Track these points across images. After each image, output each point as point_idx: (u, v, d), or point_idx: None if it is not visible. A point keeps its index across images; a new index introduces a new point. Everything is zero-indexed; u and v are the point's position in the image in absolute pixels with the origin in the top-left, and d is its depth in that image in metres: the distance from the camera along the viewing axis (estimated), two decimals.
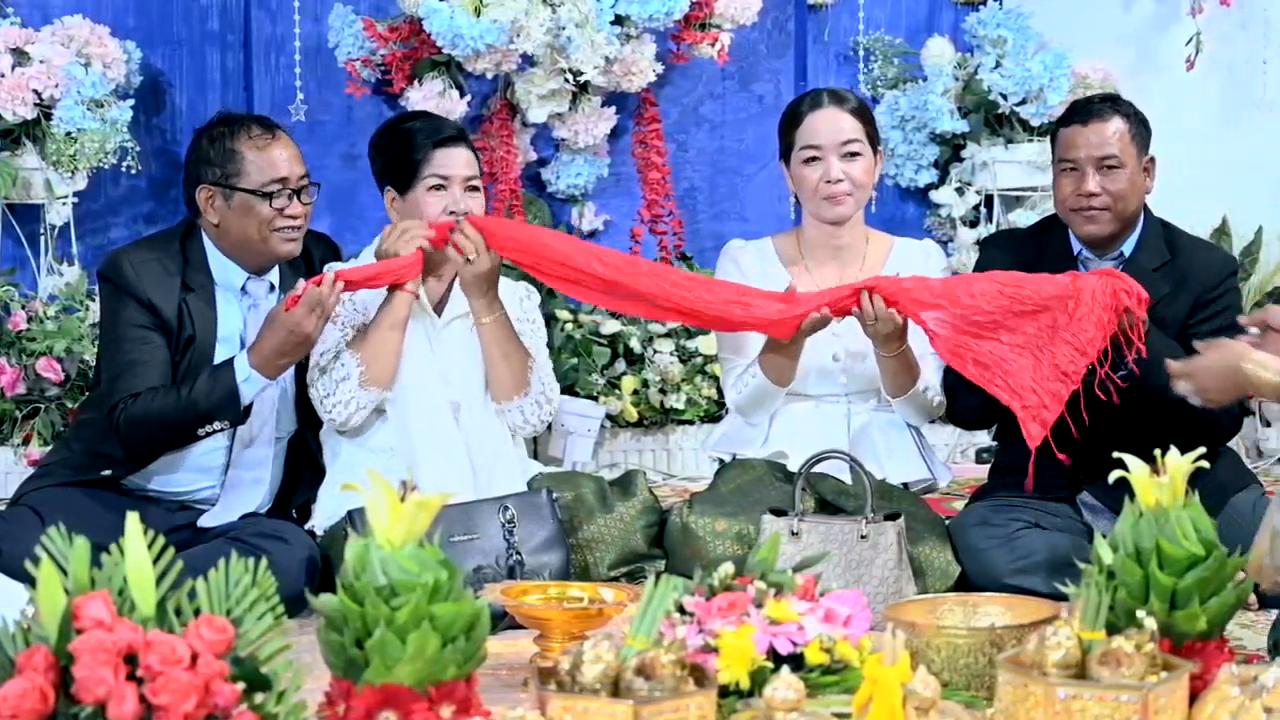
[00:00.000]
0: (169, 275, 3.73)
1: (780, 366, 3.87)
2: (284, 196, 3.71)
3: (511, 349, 3.85)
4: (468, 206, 3.82)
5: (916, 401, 3.90)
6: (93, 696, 1.89)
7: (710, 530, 3.70)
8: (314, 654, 2.18)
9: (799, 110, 4.00)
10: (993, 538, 3.74)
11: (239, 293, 3.80)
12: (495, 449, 3.85)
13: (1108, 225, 3.83)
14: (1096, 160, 3.80)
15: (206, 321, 3.74)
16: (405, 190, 3.85)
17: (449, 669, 2.08)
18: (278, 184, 3.70)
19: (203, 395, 3.63)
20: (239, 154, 3.70)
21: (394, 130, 3.95)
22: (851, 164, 3.93)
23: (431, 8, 5.17)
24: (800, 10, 6.04)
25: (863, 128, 3.96)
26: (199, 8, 5.64)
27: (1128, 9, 6.35)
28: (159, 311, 3.69)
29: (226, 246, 3.76)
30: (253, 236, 3.72)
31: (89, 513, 3.59)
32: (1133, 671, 2.36)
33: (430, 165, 3.82)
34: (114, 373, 3.69)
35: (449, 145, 3.85)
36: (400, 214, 3.87)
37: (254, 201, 3.69)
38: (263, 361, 3.62)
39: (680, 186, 5.91)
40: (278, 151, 3.72)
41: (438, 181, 3.82)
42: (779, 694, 2.27)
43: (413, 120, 3.99)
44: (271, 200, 3.69)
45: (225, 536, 3.64)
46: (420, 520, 2.15)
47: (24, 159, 5.22)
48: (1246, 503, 3.79)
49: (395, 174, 3.87)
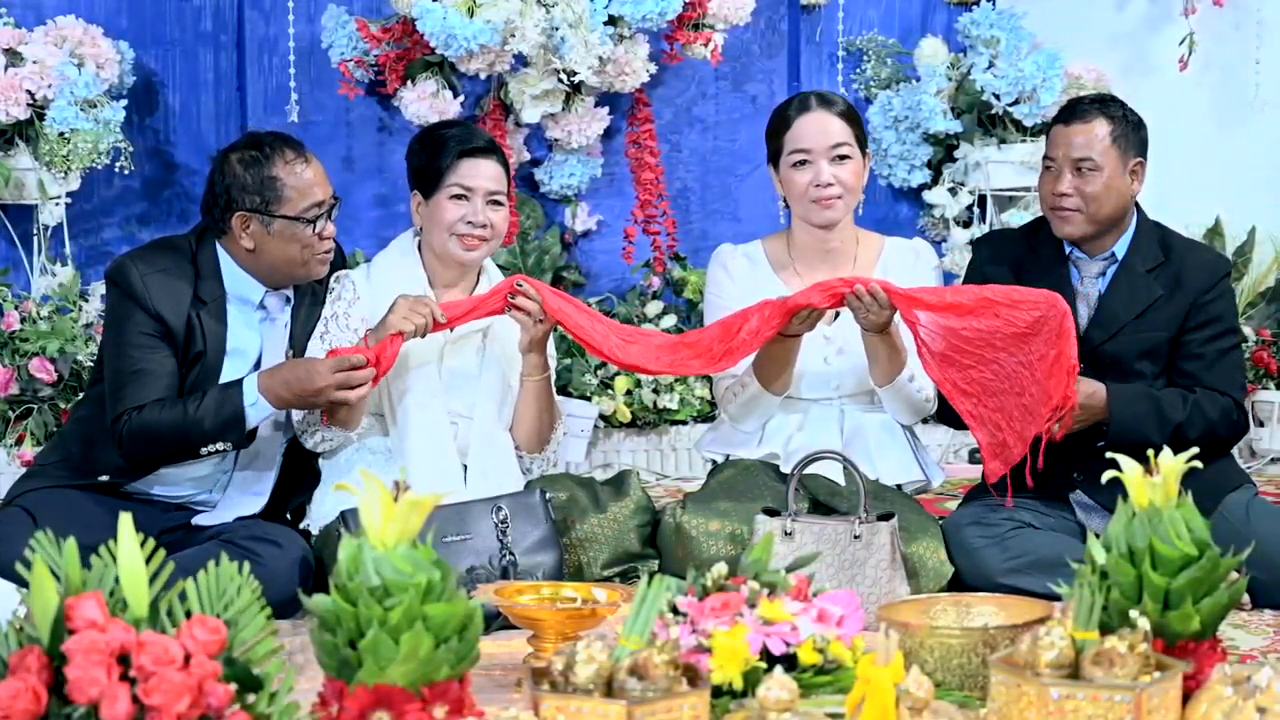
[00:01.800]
0: (179, 289, 3.70)
1: (774, 376, 3.87)
2: (324, 219, 3.71)
3: (547, 407, 3.90)
4: (489, 219, 3.81)
5: (904, 394, 3.89)
6: (86, 697, 1.89)
7: (703, 530, 3.70)
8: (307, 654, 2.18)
9: (787, 114, 4.00)
10: (986, 537, 3.74)
11: (255, 307, 3.79)
12: (497, 462, 3.84)
13: (1080, 226, 3.84)
14: (1073, 161, 3.82)
15: (217, 336, 3.72)
16: (429, 195, 3.84)
17: (442, 669, 2.08)
18: (317, 208, 3.70)
19: (209, 414, 3.62)
20: (278, 180, 3.67)
21: (428, 135, 3.94)
22: (841, 167, 3.93)
23: (425, 8, 5.16)
24: (793, 10, 6.04)
25: (851, 130, 3.96)
26: (192, 8, 5.63)
27: (1120, 9, 6.35)
28: (167, 323, 3.68)
29: (256, 267, 3.74)
30: (295, 260, 3.70)
31: (82, 513, 3.59)
32: (1126, 671, 2.36)
33: (455, 174, 3.81)
34: (119, 380, 3.67)
35: (476, 156, 3.83)
36: (422, 219, 3.86)
37: (297, 228, 3.68)
38: (269, 390, 3.62)
39: (673, 187, 5.91)
40: (313, 175, 3.72)
41: (460, 191, 3.81)
42: (772, 694, 2.27)
43: (448, 128, 3.97)
44: (315, 225, 3.69)
45: (218, 539, 3.63)
46: (413, 521, 2.15)
47: (17, 159, 5.21)
48: (1239, 503, 3.80)
49: (423, 179, 3.86)
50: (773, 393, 3.89)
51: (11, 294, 5.25)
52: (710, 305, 4.05)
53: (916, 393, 3.90)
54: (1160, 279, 3.87)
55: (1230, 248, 6.07)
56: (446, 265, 3.86)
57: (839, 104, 4.00)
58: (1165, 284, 3.87)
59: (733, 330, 3.75)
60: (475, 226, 3.79)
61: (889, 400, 3.93)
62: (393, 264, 3.91)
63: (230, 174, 3.70)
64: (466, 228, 3.79)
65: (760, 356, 3.85)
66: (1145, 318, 3.82)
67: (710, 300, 4.07)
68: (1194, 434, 3.72)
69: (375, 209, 5.67)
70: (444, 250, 3.83)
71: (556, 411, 3.94)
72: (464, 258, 3.82)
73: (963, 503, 4.04)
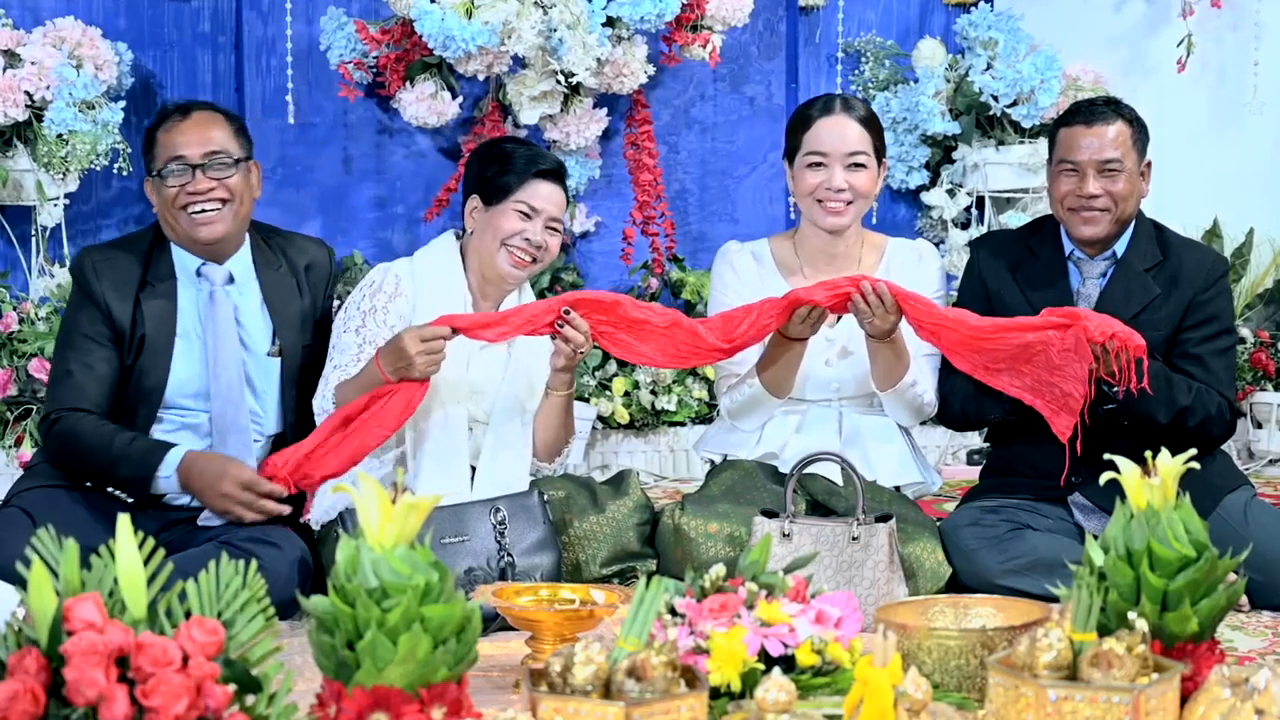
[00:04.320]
0: (129, 273, 3.76)
1: (777, 381, 3.87)
2: (181, 174, 3.73)
3: (566, 421, 3.91)
4: (545, 242, 3.83)
5: (906, 398, 3.89)
6: (84, 698, 1.89)
7: (702, 532, 3.70)
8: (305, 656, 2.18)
9: (809, 114, 3.99)
10: (984, 539, 3.74)
11: (195, 277, 3.81)
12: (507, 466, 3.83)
13: (1106, 227, 3.85)
14: (1099, 163, 3.82)
15: (163, 319, 3.75)
16: (491, 203, 3.84)
17: (440, 670, 2.08)
18: (175, 161, 3.73)
19: (125, 461, 3.65)
20: (155, 141, 3.78)
21: (498, 146, 3.96)
22: (855, 174, 3.93)
23: (423, 10, 5.16)
24: (791, 12, 6.04)
25: (870, 139, 3.95)
26: (190, 10, 5.64)
27: (1119, 11, 6.36)
28: (112, 315, 3.72)
29: (170, 233, 3.81)
30: (165, 217, 3.77)
31: (80, 514, 3.60)
32: (1124, 673, 2.36)
33: (525, 191, 3.82)
34: (56, 375, 3.74)
35: (551, 180, 3.86)
36: (477, 223, 3.86)
37: (162, 184, 3.75)
38: (184, 473, 3.64)
39: (671, 188, 5.91)
40: (183, 132, 3.76)
41: (527, 209, 3.82)
42: (770, 696, 2.27)
43: (516, 146, 3.97)
44: (169, 178, 3.73)
45: (216, 540, 3.63)
46: (411, 522, 2.15)
47: (15, 160, 5.22)
48: (1237, 504, 3.80)
49: (489, 186, 3.86)
50: (774, 396, 3.89)
51: (10, 295, 5.25)
52: (715, 302, 4.05)
53: (917, 397, 3.90)
54: (1158, 278, 3.88)
55: (1228, 249, 6.07)
56: (487, 276, 3.85)
57: (861, 110, 3.99)
58: (1163, 283, 3.87)
59: (735, 323, 3.75)
60: (531, 246, 3.81)
61: (890, 404, 3.93)
62: (436, 265, 3.90)
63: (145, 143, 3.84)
64: (523, 243, 3.80)
65: (764, 360, 3.86)
66: (1143, 317, 3.82)
67: (715, 297, 4.07)
68: (1192, 422, 3.75)
69: (373, 210, 5.67)
70: (489, 259, 3.82)
71: (573, 426, 3.96)
72: (509, 272, 3.82)
73: (961, 504, 4.05)
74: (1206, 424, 3.78)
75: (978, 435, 5.66)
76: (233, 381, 3.77)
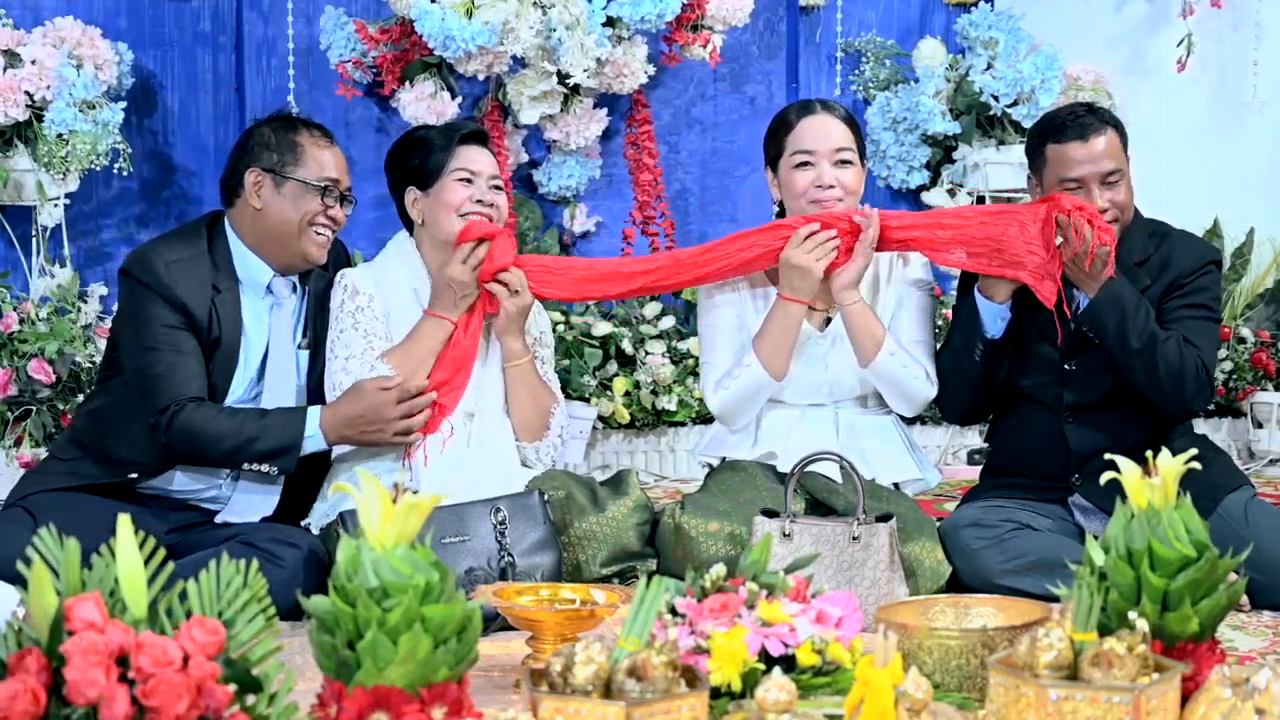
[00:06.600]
0: (202, 276, 3.75)
1: (776, 352, 3.86)
2: (333, 196, 3.79)
3: (539, 389, 3.94)
4: (494, 200, 3.89)
5: (891, 370, 3.87)
6: (84, 698, 1.89)
7: (702, 531, 3.70)
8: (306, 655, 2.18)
9: (788, 118, 4.01)
10: (984, 538, 3.74)
11: (263, 291, 3.82)
12: (500, 455, 3.85)
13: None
14: (1102, 176, 3.78)
15: (233, 324, 3.76)
16: (429, 185, 3.88)
17: (440, 670, 2.08)
18: (331, 182, 3.79)
19: (266, 435, 3.67)
20: (300, 145, 3.79)
21: (412, 136, 4.01)
22: (843, 171, 3.93)
23: (423, 9, 5.17)
24: (792, 12, 6.04)
25: (853, 137, 3.97)
26: (190, 9, 5.64)
27: (1119, 11, 6.36)
28: (191, 313, 3.71)
29: (258, 236, 3.79)
30: (291, 229, 3.76)
31: (84, 514, 3.58)
32: (1124, 673, 2.36)
33: (456, 159, 3.88)
34: (152, 374, 3.68)
35: (474, 143, 3.93)
36: (424, 210, 3.90)
37: (307, 194, 3.76)
38: (330, 425, 3.69)
39: (672, 188, 5.92)
40: (333, 156, 3.84)
41: (465, 175, 3.88)
42: (770, 695, 2.27)
43: (428, 129, 4.04)
44: (323, 195, 3.77)
45: (238, 540, 3.62)
46: (412, 522, 2.15)
47: (15, 160, 5.22)
48: (1238, 504, 3.79)
49: (417, 174, 3.91)
50: (772, 377, 3.88)
51: (10, 295, 5.25)
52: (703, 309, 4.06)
53: (902, 368, 3.88)
54: (1150, 269, 3.86)
55: (1228, 249, 6.08)
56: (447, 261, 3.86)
57: (840, 110, 4.02)
58: (1151, 272, 3.85)
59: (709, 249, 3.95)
60: (484, 205, 3.86)
61: (880, 383, 3.92)
62: (393, 264, 3.92)
63: (258, 136, 3.83)
64: (475, 206, 3.86)
65: (761, 333, 3.87)
66: None
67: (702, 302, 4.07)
68: (1163, 362, 3.69)
69: (374, 210, 5.66)
70: (450, 237, 3.84)
71: (550, 395, 3.97)
72: None
73: (961, 503, 4.04)
74: (1179, 374, 3.71)
75: (978, 435, 5.66)
76: (288, 388, 3.82)
